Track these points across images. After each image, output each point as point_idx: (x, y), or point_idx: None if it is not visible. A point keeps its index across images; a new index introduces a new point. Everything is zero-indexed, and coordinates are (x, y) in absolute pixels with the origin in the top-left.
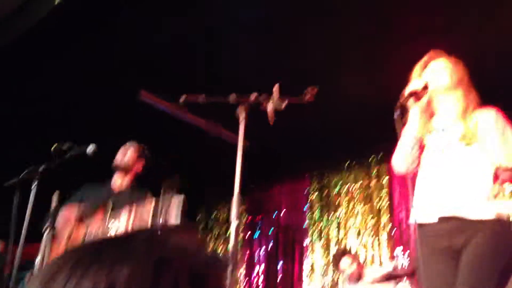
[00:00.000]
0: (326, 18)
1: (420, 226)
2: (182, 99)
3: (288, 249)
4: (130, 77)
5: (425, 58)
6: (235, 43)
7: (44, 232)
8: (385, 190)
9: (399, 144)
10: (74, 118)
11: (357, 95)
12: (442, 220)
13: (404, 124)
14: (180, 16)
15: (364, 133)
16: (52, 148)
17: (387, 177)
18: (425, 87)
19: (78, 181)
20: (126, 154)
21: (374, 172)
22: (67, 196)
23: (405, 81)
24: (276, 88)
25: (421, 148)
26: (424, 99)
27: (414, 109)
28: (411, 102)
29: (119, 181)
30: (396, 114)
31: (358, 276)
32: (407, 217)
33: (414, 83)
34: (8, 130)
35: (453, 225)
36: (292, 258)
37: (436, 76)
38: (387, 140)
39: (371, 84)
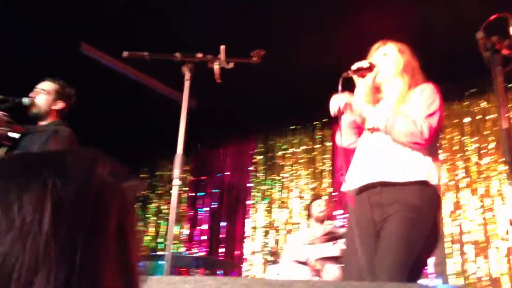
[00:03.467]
0: None
1: (348, 193)
2: (125, 54)
3: (232, 209)
4: (73, 29)
5: (376, 45)
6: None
7: None
8: (328, 155)
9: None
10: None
11: (305, 60)
12: (366, 186)
13: None
14: None
15: (310, 98)
16: None
17: (330, 143)
18: (370, 67)
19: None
20: (35, 96)
21: (318, 136)
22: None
23: (353, 47)
24: (222, 49)
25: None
26: (368, 78)
27: (358, 85)
28: (355, 78)
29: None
30: (339, 87)
31: (326, 218)
32: None
33: (361, 62)
34: None
35: (375, 190)
36: (235, 218)
37: (382, 63)
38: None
39: (320, 49)
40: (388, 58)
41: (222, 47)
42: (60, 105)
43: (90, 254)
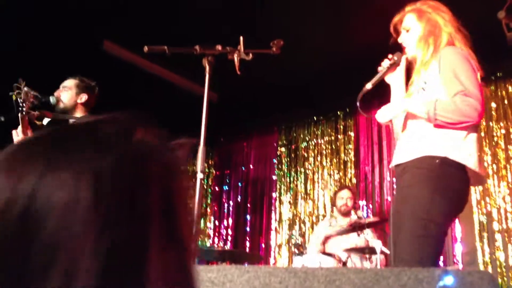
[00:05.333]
0: None
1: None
2: (145, 49)
3: (257, 202)
4: (94, 28)
5: (395, 19)
6: None
7: None
8: (351, 145)
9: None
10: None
11: (327, 49)
12: (394, 167)
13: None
14: None
15: (332, 88)
16: (13, 98)
17: (353, 133)
18: (393, 63)
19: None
20: (59, 93)
21: (341, 126)
22: None
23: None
24: (241, 40)
25: None
26: (399, 69)
27: (392, 83)
28: (386, 79)
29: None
30: (358, 103)
31: (349, 211)
32: (372, 171)
33: (383, 64)
34: None
35: (397, 171)
36: (260, 211)
37: (407, 40)
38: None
39: (341, 38)
40: (411, 33)
41: (241, 38)
42: (84, 97)
43: (133, 226)
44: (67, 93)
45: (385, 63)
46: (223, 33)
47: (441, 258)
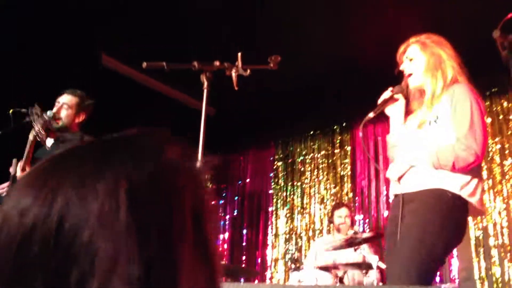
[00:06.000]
0: None
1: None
2: (144, 65)
3: (253, 217)
4: (92, 41)
5: (400, 49)
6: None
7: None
8: (348, 159)
9: None
10: (34, 82)
11: (323, 64)
12: (395, 196)
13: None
14: None
15: (328, 102)
16: (10, 111)
17: (350, 147)
18: (392, 97)
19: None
20: (59, 109)
21: (338, 141)
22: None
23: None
24: (239, 56)
25: None
26: (399, 101)
27: (391, 115)
28: (386, 111)
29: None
30: (360, 134)
31: (347, 229)
32: (369, 185)
33: (383, 95)
34: None
35: (399, 199)
36: (256, 225)
37: (410, 69)
38: (351, 109)
39: (337, 52)
40: (414, 62)
41: (239, 55)
42: (82, 117)
43: (166, 240)
44: (67, 111)
45: (387, 94)
46: (222, 47)
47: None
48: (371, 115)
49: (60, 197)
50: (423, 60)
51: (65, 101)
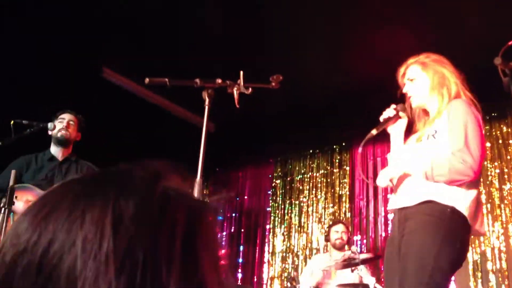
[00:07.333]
0: (292, 5)
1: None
2: (146, 81)
3: (250, 234)
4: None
5: (400, 70)
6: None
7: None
8: (347, 179)
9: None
10: (34, 94)
11: (323, 83)
12: (395, 211)
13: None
14: None
15: (328, 122)
16: (11, 122)
17: (349, 167)
18: (396, 114)
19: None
20: (65, 126)
21: (337, 160)
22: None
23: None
24: (241, 74)
25: None
26: (401, 120)
27: (393, 133)
28: (389, 128)
29: (61, 153)
30: (360, 149)
31: (343, 246)
32: (367, 206)
33: (386, 112)
34: None
35: (399, 214)
36: (253, 242)
37: (411, 90)
38: (351, 129)
39: (338, 72)
40: (415, 83)
41: (241, 73)
42: (78, 137)
43: (151, 270)
44: (72, 129)
45: (390, 112)
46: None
47: None
48: (373, 132)
49: (51, 224)
50: (426, 79)
51: (72, 119)
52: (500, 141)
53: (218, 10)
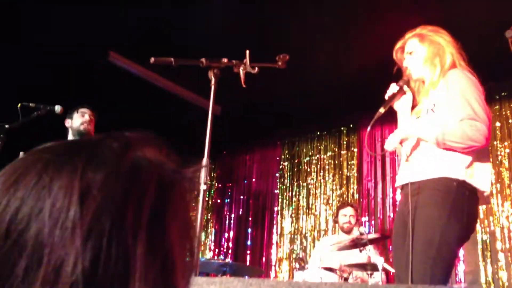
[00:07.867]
0: None
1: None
2: (151, 60)
3: (258, 216)
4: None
5: (397, 45)
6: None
7: None
8: (354, 161)
9: None
10: (40, 79)
11: (331, 65)
12: (402, 187)
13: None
14: None
15: (336, 104)
16: (18, 105)
17: (357, 149)
18: (401, 89)
19: (42, 142)
20: (88, 120)
21: (345, 142)
22: None
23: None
24: (247, 53)
25: None
26: (406, 96)
27: (399, 108)
28: (395, 104)
29: None
30: (369, 128)
31: (351, 229)
32: (375, 187)
33: (390, 89)
34: None
35: (407, 189)
36: (261, 224)
37: (410, 64)
38: (358, 111)
39: (344, 54)
40: (414, 55)
41: (247, 52)
42: (93, 131)
43: (117, 239)
44: (92, 123)
45: (394, 88)
46: (229, 45)
47: None
48: (381, 110)
49: (19, 191)
50: (423, 51)
51: (91, 113)
52: (510, 121)
53: None
